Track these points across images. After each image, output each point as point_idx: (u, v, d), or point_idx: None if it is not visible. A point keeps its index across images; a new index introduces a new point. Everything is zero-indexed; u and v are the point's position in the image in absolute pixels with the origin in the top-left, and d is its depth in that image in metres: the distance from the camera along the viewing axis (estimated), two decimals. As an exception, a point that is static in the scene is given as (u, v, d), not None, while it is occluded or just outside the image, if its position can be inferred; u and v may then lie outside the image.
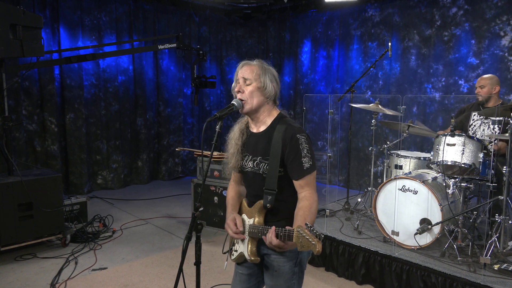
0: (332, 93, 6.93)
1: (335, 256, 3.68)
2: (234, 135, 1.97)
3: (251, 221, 1.89)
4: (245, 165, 1.94)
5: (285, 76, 7.84)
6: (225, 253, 2.07)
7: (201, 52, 5.26)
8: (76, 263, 3.79)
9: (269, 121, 1.92)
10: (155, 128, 7.31)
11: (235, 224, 1.89)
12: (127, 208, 5.62)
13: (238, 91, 1.89)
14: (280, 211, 1.86)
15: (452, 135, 3.40)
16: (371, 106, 4.28)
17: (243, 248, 1.91)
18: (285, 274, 1.87)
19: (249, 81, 1.87)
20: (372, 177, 4.57)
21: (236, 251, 1.99)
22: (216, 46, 7.78)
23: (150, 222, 5.06)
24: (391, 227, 3.59)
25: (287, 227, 1.64)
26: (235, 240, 1.99)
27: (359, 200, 4.56)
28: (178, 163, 7.65)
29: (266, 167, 1.83)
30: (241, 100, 1.89)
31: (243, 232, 1.89)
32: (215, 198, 4.57)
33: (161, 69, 7.15)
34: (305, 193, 1.79)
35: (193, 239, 1.89)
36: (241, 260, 1.99)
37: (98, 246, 4.21)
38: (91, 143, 6.40)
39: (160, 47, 5.02)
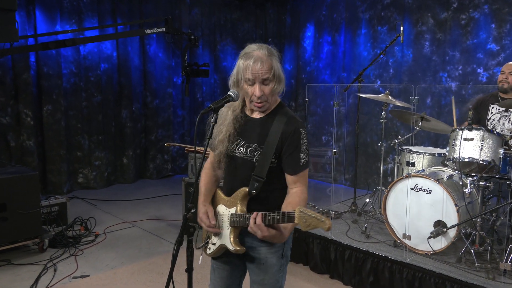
0: (338, 82, 6.93)
1: (340, 262, 3.69)
2: (225, 121, 1.96)
3: (232, 210, 1.93)
4: (235, 150, 1.95)
5: (286, 64, 7.82)
6: (199, 247, 2.09)
7: (192, 37, 5.24)
8: (55, 270, 3.79)
9: (270, 108, 1.95)
10: (142, 121, 7.29)
11: (208, 217, 1.94)
12: (111, 209, 5.62)
13: (261, 96, 1.84)
14: (267, 201, 1.91)
15: (470, 129, 3.41)
16: (381, 96, 4.28)
17: (224, 239, 1.95)
18: (273, 266, 1.95)
19: (267, 81, 1.84)
20: (381, 175, 4.58)
21: (214, 244, 2.01)
22: (209, 30, 7.75)
23: (137, 225, 5.06)
24: (402, 230, 3.60)
25: (282, 211, 1.72)
26: (212, 233, 2.01)
27: (367, 200, 4.57)
28: (168, 160, 7.65)
29: (259, 155, 1.87)
30: (260, 102, 1.86)
31: (217, 226, 1.96)
32: (209, 198, 4.56)
33: (148, 56, 7.12)
34: (296, 189, 1.88)
35: (185, 243, 1.89)
36: (219, 254, 2.02)
37: (79, 252, 4.21)
38: (71, 138, 6.39)
39: (147, 31, 5.00)
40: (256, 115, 1.97)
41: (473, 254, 3.25)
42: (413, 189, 3.55)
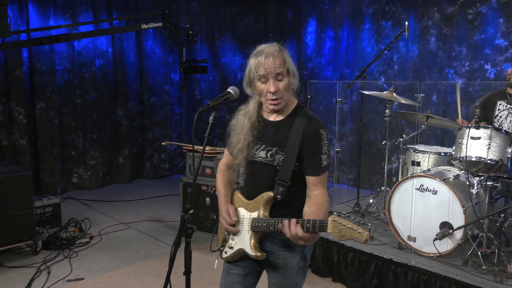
0: (341, 79, 6.93)
1: (343, 264, 3.70)
2: (243, 129, 1.97)
3: (254, 214, 1.94)
4: (255, 155, 1.98)
5: (287, 59, 7.81)
6: (215, 251, 2.10)
7: (190, 32, 5.23)
8: (48, 273, 3.80)
9: (289, 109, 1.97)
10: (138, 119, 7.29)
11: (229, 215, 1.97)
12: (107, 210, 5.62)
13: (275, 91, 1.85)
14: (291, 205, 1.95)
15: (477, 127, 3.41)
16: (385, 94, 4.28)
17: (243, 244, 1.96)
18: (292, 270, 1.99)
19: (281, 76, 1.86)
20: (385, 175, 4.58)
21: (231, 248, 2.01)
22: (208, 25, 7.75)
23: (133, 227, 5.07)
24: (407, 231, 3.61)
25: (315, 219, 1.72)
26: (231, 236, 2.03)
27: (371, 201, 4.58)
28: (165, 159, 7.65)
29: (281, 159, 1.90)
30: (275, 99, 1.88)
31: (236, 224, 1.98)
32: (207, 199, 4.57)
33: (144, 51, 7.12)
34: (318, 191, 1.90)
35: (182, 245, 1.90)
36: (236, 258, 2.04)
37: (73, 254, 4.22)
38: (65, 137, 6.39)
39: (144, 26, 5.00)
40: (275, 117, 1.98)
41: (480, 257, 3.25)
42: (418, 189, 3.56)
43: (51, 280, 3.67)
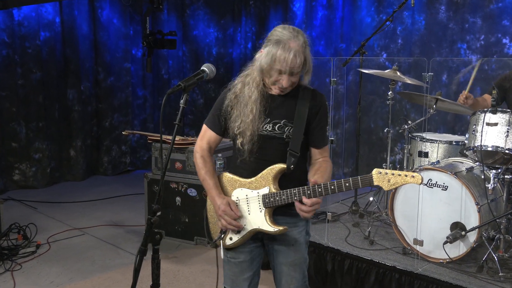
0: (335, 55, 6.94)
1: (339, 274, 3.73)
2: (251, 97, 2.16)
3: (263, 190, 2.19)
4: (262, 128, 2.20)
5: (271, 32, 7.79)
6: (215, 240, 2.30)
7: (155, -2, 5.19)
8: (-14, 289, 3.76)
9: None
10: (93, 103, 7.22)
11: (232, 209, 2.18)
12: (56, 214, 5.58)
13: (287, 87, 2.13)
14: (296, 176, 2.24)
15: (494, 112, 3.45)
16: (387, 72, 4.31)
17: (257, 223, 2.20)
18: (301, 245, 2.33)
19: (298, 72, 2.11)
20: (388, 168, 4.63)
21: (238, 232, 2.24)
22: (177, -10, 7.69)
23: (88, 233, 5.04)
24: (413, 234, 3.65)
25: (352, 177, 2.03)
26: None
27: (371, 199, 4.62)
28: (126, 151, 7.60)
29: (291, 130, 2.20)
30: (281, 90, 2.15)
31: (238, 219, 2.20)
32: (178, 198, 4.56)
33: (100, 22, 7.03)
34: (322, 158, 2.30)
35: (149, 253, 1.89)
36: (245, 241, 2.27)
37: (16, 266, 4.18)
38: (4, 125, 6.30)
39: (99, -9, 4.93)
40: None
41: (497, 262, 3.30)
42: (426, 184, 3.60)
43: (-11, 297, 3.64)
